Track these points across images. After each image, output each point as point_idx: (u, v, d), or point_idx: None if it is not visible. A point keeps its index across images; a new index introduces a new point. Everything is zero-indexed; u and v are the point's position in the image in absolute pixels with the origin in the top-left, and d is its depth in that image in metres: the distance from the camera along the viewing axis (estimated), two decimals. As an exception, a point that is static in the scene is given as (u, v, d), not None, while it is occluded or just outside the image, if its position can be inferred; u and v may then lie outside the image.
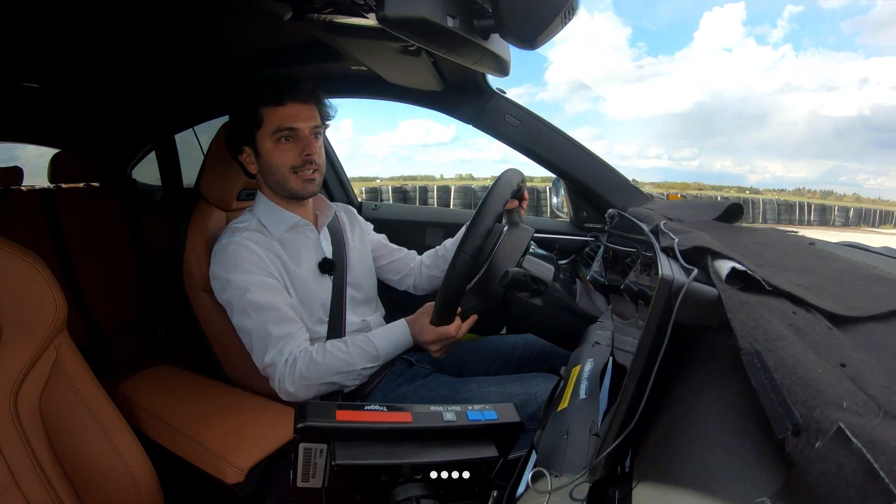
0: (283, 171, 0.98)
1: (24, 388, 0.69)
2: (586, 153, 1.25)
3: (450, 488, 0.46)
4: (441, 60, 1.03)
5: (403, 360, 1.11)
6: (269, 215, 1.02)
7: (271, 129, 0.95)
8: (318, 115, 1.00)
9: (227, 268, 0.94)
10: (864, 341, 0.35)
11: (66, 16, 0.92)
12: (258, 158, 0.99)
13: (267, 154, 0.97)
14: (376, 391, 1.04)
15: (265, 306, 0.93)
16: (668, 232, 0.60)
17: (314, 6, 0.79)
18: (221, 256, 0.96)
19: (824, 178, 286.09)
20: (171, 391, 0.99)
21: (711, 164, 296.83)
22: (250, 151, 1.00)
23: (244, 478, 0.78)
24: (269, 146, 0.97)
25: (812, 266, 0.51)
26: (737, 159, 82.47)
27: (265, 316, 0.93)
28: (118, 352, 1.77)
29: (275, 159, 0.97)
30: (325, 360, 0.93)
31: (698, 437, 0.37)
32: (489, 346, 1.18)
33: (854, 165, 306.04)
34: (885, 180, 20.21)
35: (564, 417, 0.55)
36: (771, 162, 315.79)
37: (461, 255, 0.83)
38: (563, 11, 0.58)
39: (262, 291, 0.94)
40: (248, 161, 1.01)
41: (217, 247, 0.98)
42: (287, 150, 0.97)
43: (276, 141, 0.96)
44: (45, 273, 0.71)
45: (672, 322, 0.38)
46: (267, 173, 1.00)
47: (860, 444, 0.22)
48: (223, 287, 0.96)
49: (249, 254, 0.95)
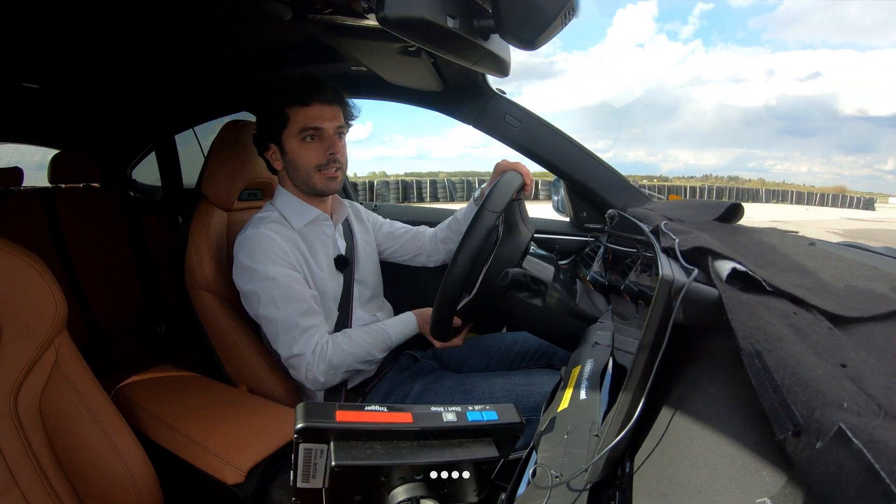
0: (307, 170, 1.01)
1: (25, 389, 0.69)
2: (586, 154, 1.25)
3: (450, 489, 0.46)
4: (441, 61, 1.03)
5: (409, 356, 1.14)
6: (290, 207, 1.05)
7: (297, 128, 0.98)
8: (341, 116, 1.03)
9: (254, 257, 0.95)
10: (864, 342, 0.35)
11: (66, 16, 0.92)
12: (283, 156, 1.02)
13: (292, 153, 1.00)
14: (383, 382, 1.07)
15: (294, 297, 0.95)
16: (669, 232, 0.60)
17: (314, 7, 0.79)
18: (248, 246, 0.97)
19: (734, 165, 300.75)
20: (171, 391, 0.99)
21: (625, 155, 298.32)
22: (276, 149, 1.03)
23: (244, 478, 0.78)
24: (295, 145, 1.00)
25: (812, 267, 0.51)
26: (650, 149, 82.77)
27: (294, 307, 0.95)
28: (118, 352, 1.77)
29: (300, 158, 1.00)
30: (349, 349, 0.97)
31: (699, 437, 0.37)
32: (489, 343, 1.20)
33: (762, 152, 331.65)
34: (790, 165, 20.66)
35: (565, 418, 0.55)
36: (682, 151, 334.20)
37: (455, 268, 0.83)
38: (564, 12, 0.58)
39: (290, 282, 0.96)
40: (274, 158, 1.04)
41: (241, 237, 0.99)
42: (312, 149, 1.00)
43: (301, 140, 0.99)
44: (45, 273, 0.71)
45: (672, 322, 0.38)
46: (292, 170, 1.03)
47: (861, 444, 0.22)
48: (249, 277, 0.96)
49: (275, 245, 0.97)
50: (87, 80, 1.42)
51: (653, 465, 0.40)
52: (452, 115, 1.27)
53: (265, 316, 0.96)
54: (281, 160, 1.03)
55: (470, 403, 0.46)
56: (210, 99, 1.62)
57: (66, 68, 1.27)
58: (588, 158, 1.25)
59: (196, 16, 0.97)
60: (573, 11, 0.60)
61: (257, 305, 0.96)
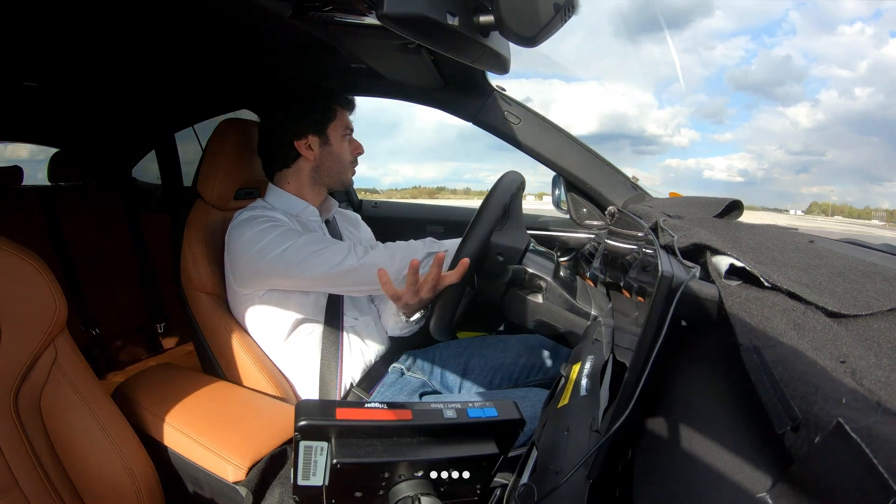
0: (345, 162, 1.10)
1: (25, 388, 0.69)
2: (586, 151, 1.25)
3: (450, 486, 0.46)
4: (441, 58, 1.03)
5: (395, 370, 1.13)
6: (280, 200, 1.08)
7: (342, 125, 1.09)
8: None
9: (255, 225, 0.97)
10: (863, 337, 0.35)
11: (66, 16, 0.91)
12: (323, 147, 1.08)
13: (337, 144, 1.09)
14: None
15: (318, 241, 0.97)
16: (667, 229, 0.60)
17: (314, 4, 0.79)
18: (244, 223, 0.98)
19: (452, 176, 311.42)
20: (172, 390, 0.99)
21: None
22: (316, 139, 1.07)
23: (245, 476, 0.78)
24: (339, 138, 1.09)
25: (812, 263, 0.51)
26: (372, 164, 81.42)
27: (323, 249, 0.95)
28: (118, 351, 1.77)
29: (342, 150, 1.10)
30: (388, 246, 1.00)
31: (699, 433, 0.37)
32: (492, 353, 1.15)
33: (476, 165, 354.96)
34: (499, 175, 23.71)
35: (565, 414, 0.55)
36: (402, 165, 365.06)
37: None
38: (563, 9, 0.58)
39: (306, 238, 0.97)
40: (307, 147, 1.07)
41: (236, 222, 1.00)
42: (349, 146, 1.11)
43: (343, 136, 1.09)
44: (45, 273, 0.71)
45: (670, 317, 0.38)
46: (328, 160, 1.09)
47: (859, 439, 0.22)
48: (260, 254, 0.95)
49: (274, 219, 0.99)
50: (87, 79, 1.42)
51: (653, 460, 0.40)
52: (452, 111, 1.28)
53: (304, 276, 0.96)
54: (318, 150, 1.07)
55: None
56: (210, 97, 1.61)
57: (65, 67, 1.27)
58: (588, 155, 1.25)
59: (195, 14, 0.96)
60: (573, 8, 0.60)
61: (287, 275, 0.96)
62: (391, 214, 1.68)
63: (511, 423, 0.47)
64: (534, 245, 0.93)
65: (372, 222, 1.33)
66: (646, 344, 0.40)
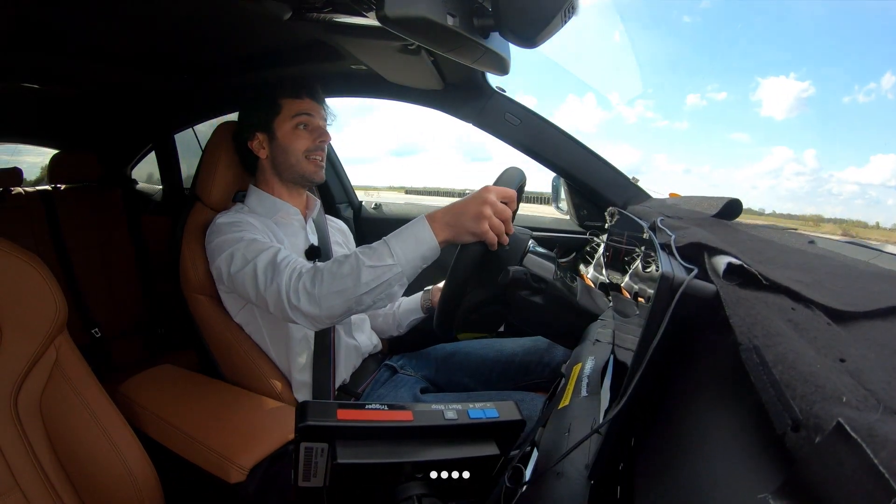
0: (297, 155, 1.05)
1: (25, 389, 0.69)
2: (587, 152, 1.25)
3: (451, 486, 0.46)
4: (441, 59, 1.03)
5: (387, 367, 1.12)
6: (260, 203, 1.07)
7: (290, 114, 1.04)
8: (325, 116, 1.09)
9: (222, 232, 0.95)
10: (863, 337, 0.35)
11: (67, 16, 0.91)
12: (272, 143, 1.05)
13: (283, 137, 1.04)
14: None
15: (266, 247, 0.90)
16: (665, 229, 0.60)
17: (313, 6, 0.79)
18: (216, 228, 0.98)
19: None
20: (172, 391, 0.99)
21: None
22: (264, 137, 1.06)
23: (246, 477, 0.78)
24: (287, 130, 1.04)
25: (811, 263, 0.51)
26: None
27: (267, 254, 0.88)
28: (118, 352, 1.77)
29: (291, 143, 1.04)
30: (330, 267, 0.81)
31: (699, 434, 0.37)
32: (487, 354, 1.15)
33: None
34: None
35: (566, 415, 0.55)
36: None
37: (462, 259, 0.82)
38: (563, 10, 0.59)
39: (262, 240, 0.93)
40: (259, 147, 1.06)
41: (212, 226, 1.00)
42: (303, 136, 1.05)
43: (293, 127, 1.04)
44: (45, 273, 0.71)
45: (669, 316, 0.38)
46: (280, 156, 1.05)
47: (860, 439, 0.22)
48: (219, 247, 0.94)
49: (246, 223, 0.98)
50: (87, 80, 1.42)
51: (654, 460, 0.40)
52: (452, 113, 1.27)
53: (238, 272, 0.89)
54: (268, 148, 1.06)
55: None
56: (209, 98, 1.61)
57: (66, 68, 1.27)
58: (588, 156, 1.25)
59: (196, 15, 0.97)
60: (573, 9, 0.60)
61: (231, 267, 0.91)
62: (391, 215, 1.68)
63: (512, 424, 0.47)
64: (534, 245, 0.93)
65: (372, 223, 1.33)
66: (646, 344, 0.40)
